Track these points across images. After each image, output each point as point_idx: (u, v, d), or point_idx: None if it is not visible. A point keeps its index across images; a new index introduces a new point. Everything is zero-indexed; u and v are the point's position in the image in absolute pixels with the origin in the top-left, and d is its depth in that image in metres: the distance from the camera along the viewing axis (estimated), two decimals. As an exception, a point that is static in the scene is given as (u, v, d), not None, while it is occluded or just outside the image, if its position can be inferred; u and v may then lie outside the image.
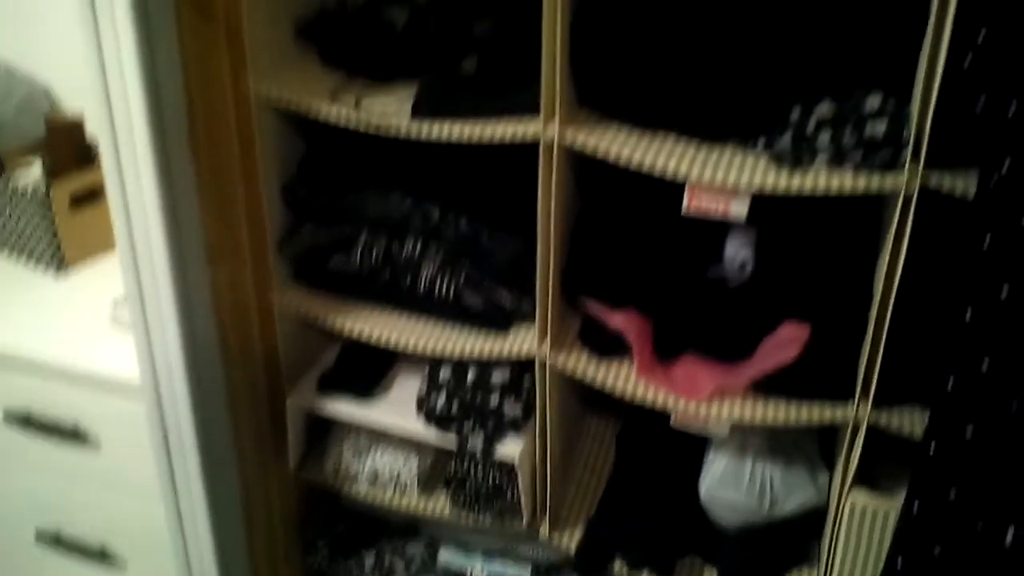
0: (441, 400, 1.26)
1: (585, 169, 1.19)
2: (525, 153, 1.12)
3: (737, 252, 1.16)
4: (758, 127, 1.09)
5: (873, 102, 1.04)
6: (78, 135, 1.61)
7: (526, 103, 1.13)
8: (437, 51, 1.27)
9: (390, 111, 1.16)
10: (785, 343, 1.14)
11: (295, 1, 1.28)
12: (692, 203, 1.07)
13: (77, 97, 1.70)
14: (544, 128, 1.10)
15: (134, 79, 1.08)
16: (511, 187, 1.22)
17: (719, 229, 1.18)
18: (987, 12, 0.88)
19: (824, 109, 1.05)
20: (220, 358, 1.28)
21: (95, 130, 1.13)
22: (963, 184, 0.97)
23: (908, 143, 1.01)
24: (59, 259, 1.57)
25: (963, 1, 0.90)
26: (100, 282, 1.51)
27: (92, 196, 1.55)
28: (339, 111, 1.17)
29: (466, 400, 1.26)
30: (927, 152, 0.99)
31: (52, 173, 1.57)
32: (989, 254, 0.80)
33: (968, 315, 0.81)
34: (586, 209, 1.26)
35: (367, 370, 1.38)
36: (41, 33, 1.63)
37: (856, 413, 1.14)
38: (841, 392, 1.15)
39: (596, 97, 1.15)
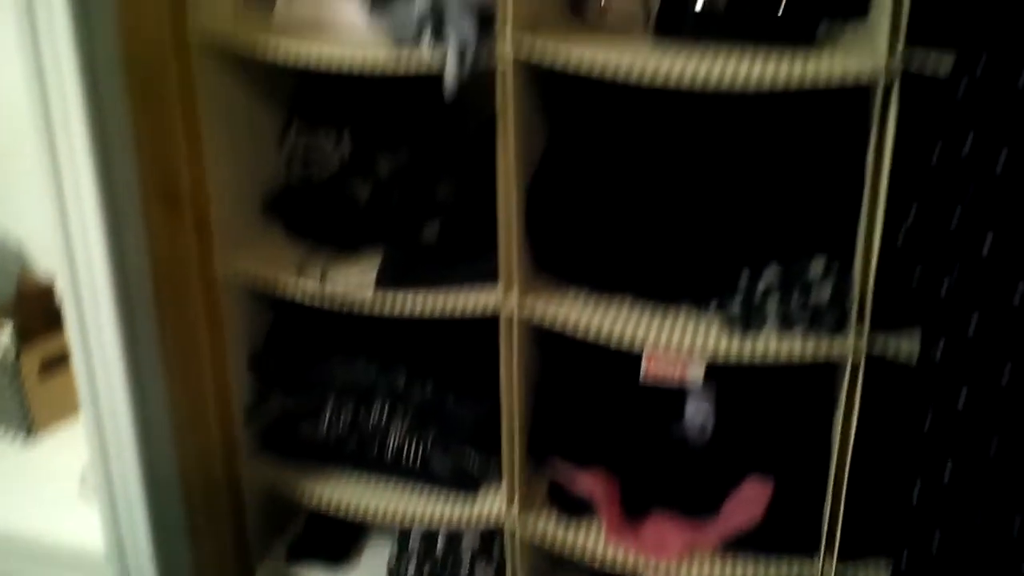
0: (411, 568, 1.26)
1: (547, 334, 1.22)
2: (488, 317, 1.16)
3: (696, 413, 1.19)
4: (710, 290, 1.13)
5: (817, 267, 1.09)
6: (49, 298, 1.63)
7: (485, 272, 1.17)
8: (400, 221, 1.32)
9: (354, 284, 1.20)
10: (749, 501, 1.15)
11: (261, 178, 1.32)
12: (650, 371, 1.10)
13: (51, 255, 1.72)
14: (504, 300, 1.14)
15: (101, 260, 1.12)
16: (476, 350, 1.24)
17: (679, 389, 1.21)
18: (918, 191, 0.93)
19: (771, 274, 1.09)
20: (187, 531, 1.27)
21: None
22: (908, 348, 1.01)
23: (852, 309, 1.05)
24: (27, 425, 1.58)
25: (895, 180, 0.95)
26: (69, 448, 1.50)
27: (62, 360, 1.56)
28: (305, 286, 1.20)
29: (436, 567, 1.26)
30: (872, 317, 1.03)
31: (22, 336, 1.58)
32: (931, 433, 0.83)
33: (915, 495, 0.83)
34: (549, 372, 1.28)
35: (337, 536, 1.37)
36: (15, 191, 1.66)
37: (822, 568, 1.15)
38: (806, 547, 1.16)
39: (553, 263, 1.19)
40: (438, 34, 1.04)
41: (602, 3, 1.20)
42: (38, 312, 1.63)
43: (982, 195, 0.84)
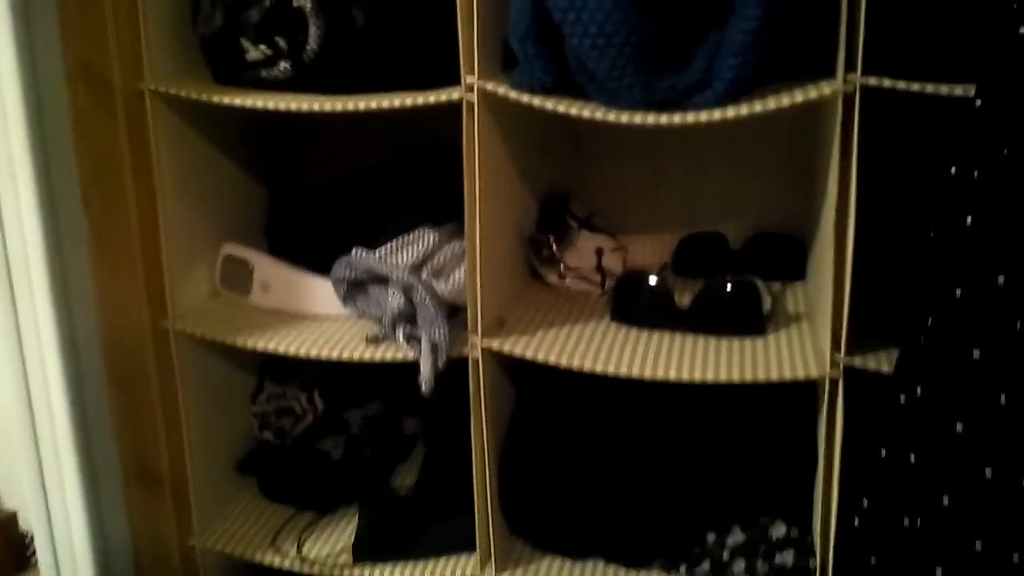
0: None
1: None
2: None
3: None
4: (679, 554, 1.17)
5: (779, 530, 1.14)
6: (11, 529, 1.61)
7: (461, 536, 1.20)
8: (373, 474, 1.35)
9: (331, 558, 1.22)
10: None
11: (234, 440, 1.35)
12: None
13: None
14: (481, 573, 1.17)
15: (82, 542, 1.13)
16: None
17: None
18: (870, 485, 0.99)
19: (736, 537, 1.15)
20: None
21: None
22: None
23: (815, 573, 1.10)
24: None
25: (846, 469, 1.02)
26: None
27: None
28: (282, 559, 1.22)
29: None
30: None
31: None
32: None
33: None
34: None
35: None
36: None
37: None
38: None
39: (527, 529, 1.23)
40: (411, 331, 1.10)
41: (561, 271, 1.29)
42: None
43: (927, 491, 0.89)
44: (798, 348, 1.07)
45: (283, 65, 1.10)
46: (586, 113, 0.97)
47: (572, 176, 1.38)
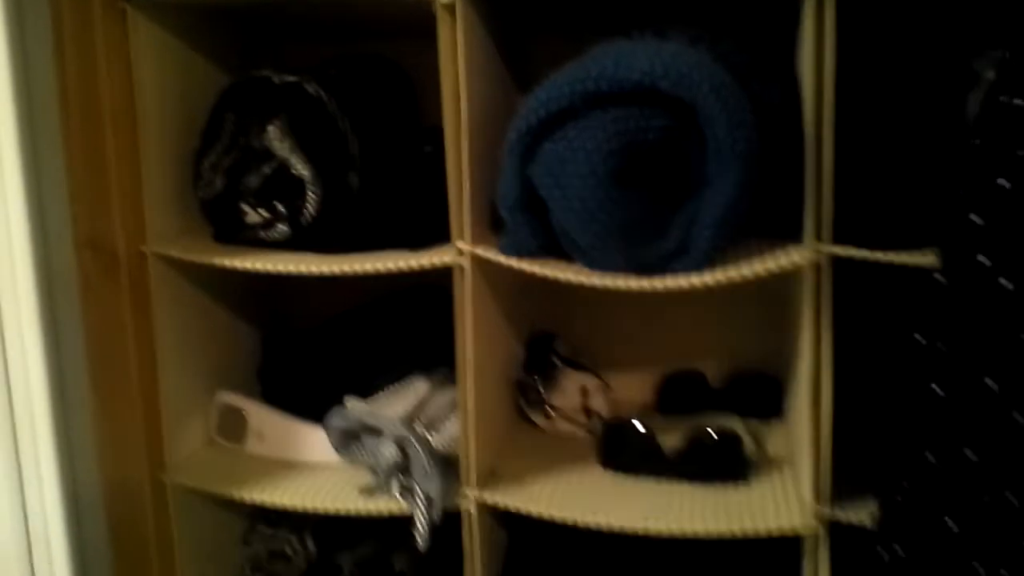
0: None
1: None
2: None
3: None
4: None
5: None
6: None
7: None
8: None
9: None
10: None
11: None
12: None
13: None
14: None
15: None
16: None
17: None
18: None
19: None
20: None
21: None
22: None
23: None
24: None
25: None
26: None
27: None
28: None
29: None
30: None
31: None
32: None
33: None
34: None
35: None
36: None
37: None
38: None
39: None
40: (406, 483, 1.13)
41: (548, 412, 1.33)
42: None
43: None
44: (782, 496, 1.10)
45: (281, 228, 1.15)
46: (571, 277, 1.02)
47: (556, 315, 1.43)
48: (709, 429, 1.16)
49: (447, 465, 1.14)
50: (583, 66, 0.97)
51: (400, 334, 1.36)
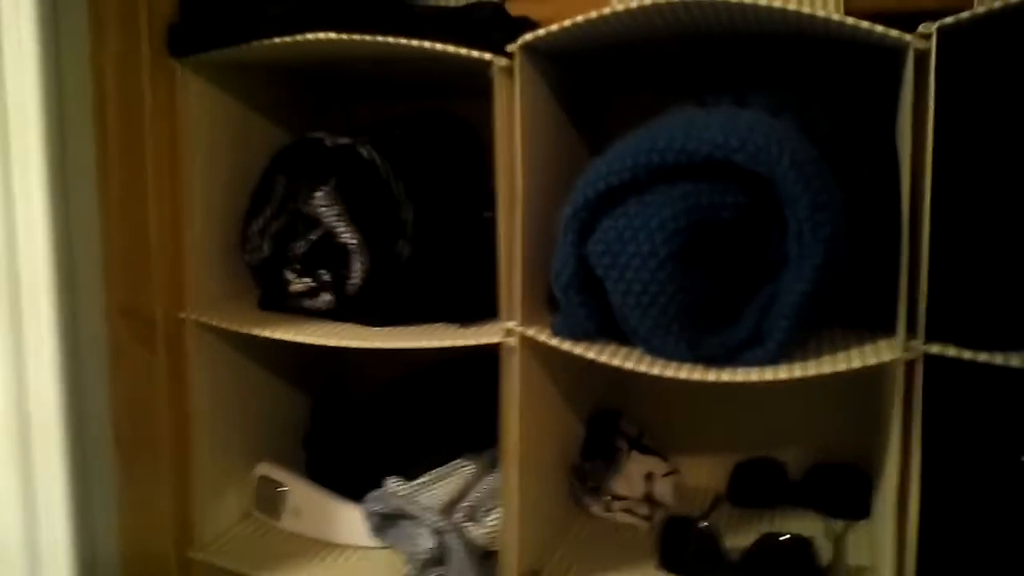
0: None
1: None
2: None
3: None
4: None
5: None
6: None
7: None
8: None
9: None
10: None
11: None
12: None
13: None
14: None
15: None
16: None
17: None
18: None
19: None
20: None
21: None
22: None
23: None
24: None
25: None
26: None
27: None
28: None
29: None
30: None
31: None
32: None
33: None
34: None
35: None
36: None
37: None
38: None
39: None
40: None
41: (608, 503, 1.22)
42: None
43: None
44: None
45: (325, 297, 1.09)
46: (629, 365, 0.93)
47: (622, 389, 1.33)
48: (779, 533, 1.04)
49: (486, 560, 1.05)
50: (649, 136, 0.89)
51: (454, 407, 1.29)
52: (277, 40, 1.01)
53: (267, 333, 1.06)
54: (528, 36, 0.94)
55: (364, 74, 1.26)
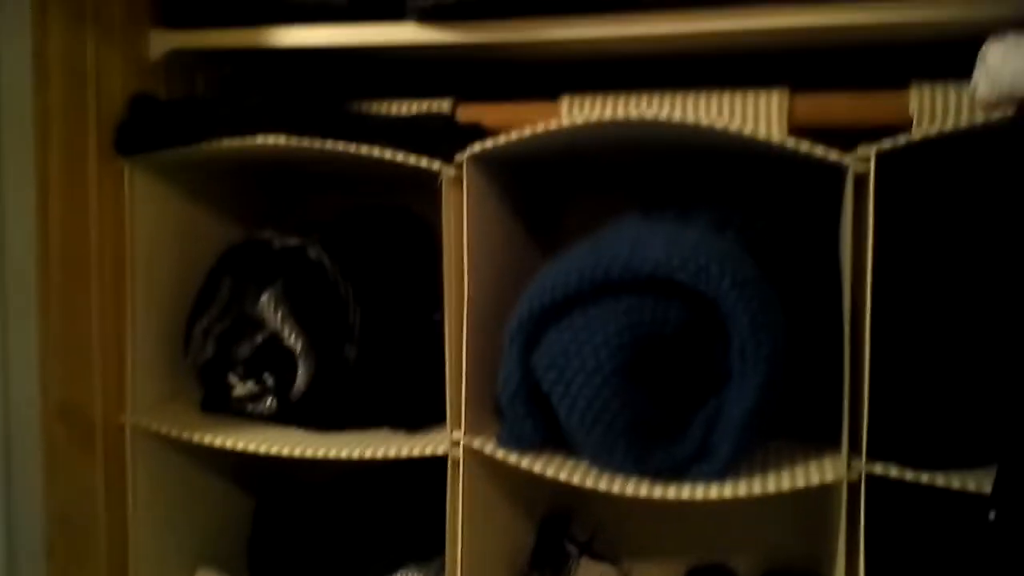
0: None
1: None
2: None
3: None
4: None
5: None
6: None
7: None
8: None
9: None
10: None
11: None
12: None
13: None
14: None
15: None
16: None
17: None
18: None
19: None
20: None
21: None
22: None
23: None
24: None
25: None
26: None
27: None
28: None
29: None
30: None
31: None
32: None
33: None
34: None
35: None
36: None
37: None
38: None
39: None
40: None
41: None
42: None
43: None
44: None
45: (269, 401, 1.07)
46: (576, 480, 0.91)
47: (575, 492, 1.31)
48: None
49: None
50: (594, 250, 0.89)
51: (401, 510, 1.26)
52: (227, 142, 1.01)
53: (208, 439, 1.04)
54: (476, 148, 0.94)
55: (318, 170, 1.26)
